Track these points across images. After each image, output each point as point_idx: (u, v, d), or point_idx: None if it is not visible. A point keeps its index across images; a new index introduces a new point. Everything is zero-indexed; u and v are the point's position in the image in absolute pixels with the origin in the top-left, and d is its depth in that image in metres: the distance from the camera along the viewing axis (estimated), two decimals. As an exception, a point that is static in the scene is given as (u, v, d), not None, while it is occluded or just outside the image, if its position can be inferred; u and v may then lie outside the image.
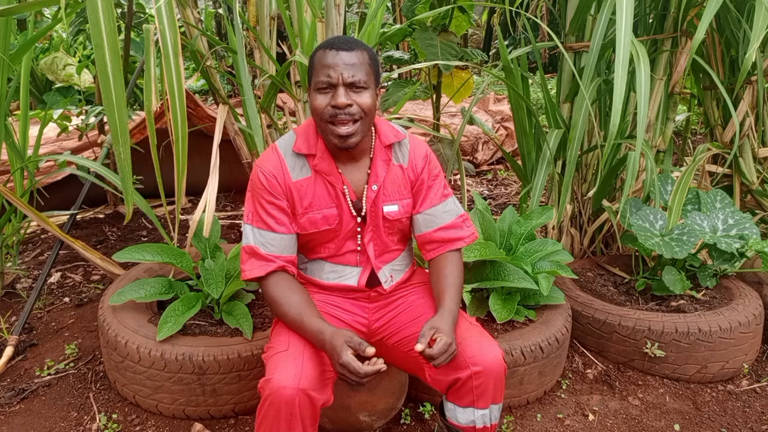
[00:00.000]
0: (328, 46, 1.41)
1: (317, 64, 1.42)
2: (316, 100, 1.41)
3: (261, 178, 1.50)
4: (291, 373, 1.35)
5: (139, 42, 3.51)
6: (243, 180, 2.03)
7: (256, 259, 1.50)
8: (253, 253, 1.50)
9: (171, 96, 1.72)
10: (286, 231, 1.51)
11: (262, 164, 1.51)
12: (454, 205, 1.63)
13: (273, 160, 1.51)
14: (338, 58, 1.39)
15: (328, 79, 1.39)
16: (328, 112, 1.40)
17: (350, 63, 1.39)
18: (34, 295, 2.34)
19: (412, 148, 1.60)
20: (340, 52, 1.39)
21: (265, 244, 1.50)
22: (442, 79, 2.97)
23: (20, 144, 2.60)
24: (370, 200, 1.54)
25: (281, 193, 1.50)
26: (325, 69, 1.39)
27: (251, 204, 1.53)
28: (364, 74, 1.41)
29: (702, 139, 3.85)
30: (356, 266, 1.61)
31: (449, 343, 1.36)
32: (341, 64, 1.38)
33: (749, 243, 2.25)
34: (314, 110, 1.42)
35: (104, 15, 1.43)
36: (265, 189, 1.49)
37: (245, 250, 1.52)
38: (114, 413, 1.95)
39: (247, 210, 1.54)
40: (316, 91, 1.42)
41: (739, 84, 2.38)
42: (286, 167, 1.50)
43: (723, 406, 2.05)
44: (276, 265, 1.49)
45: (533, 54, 2.73)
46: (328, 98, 1.40)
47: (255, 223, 1.51)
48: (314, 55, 1.44)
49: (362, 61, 1.41)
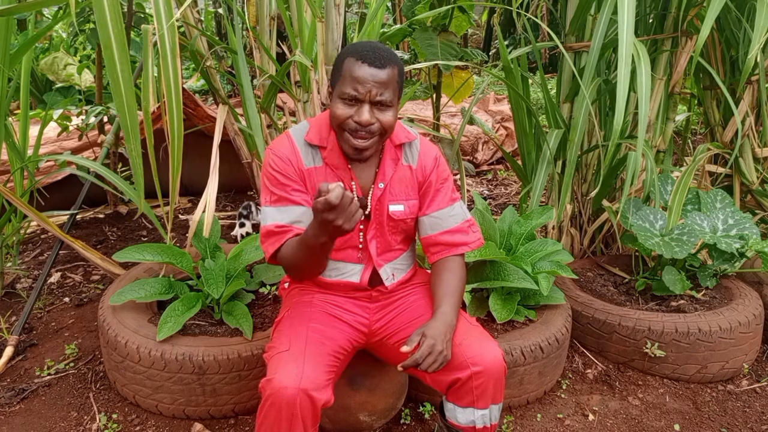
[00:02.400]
0: (361, 58, 1.37)
1: (346, 72, 1.38)
2: (338, 108, 1.40)
3: (275, 160, 1.48)
4: (292, 373, 1.34)
5: (138, 42, 3.51)
6: (243, 180, 2.04)
7: (274, 235, 1.46)
8: (272, 231, 1.46)
9: (168, 96, 1.72)
10: (305, 204, 1.49)
11: (276, 148, 1.50)
12: (461, 210, 1.62)
13: (287, 146, 1.50)
14: (369, 74, 1.36)
15: (356, 93, 1.37)
16: (349, 125, 1.39)
17: (380, 81, 1.37)
18: (34, 295, 2.34)
19: (423, 150, 1.60)
20: (373, 68, 1.36)
21: (285, 219, 1.46)
22: (442, 79, 2.98)
23: (20, 144, 2.60)
24: (375, 198, 1.54)
25: (295, 174, 1.49)
26: (354, 82, 1.37)
27: (267, 186, 1.50)
28: (392, 93, 1.39)
29: (702, 139, 3.85)
30: (358, 263, 1.61)
31: (432, 345, 1.35)
32: (371, 81, 1.36)
33: (749, 243, 2.25)
34: (335, 117, 1.41)
35: (111, 14, 1.44)
36: (280, 171, 1.47)
37: (263, 232, 1.48)
38: (114, 413, 1.95)
39: (263, 194, 1.52)
40: (340, 100, 1.40)
41: (741, 84, 2.38)
42: (299, 154, 1.50)
43: (723, 406, 2.05)
44: (293, 232, 1.46)
45: (533, 54, 2.73)
46: (352, 111, 1.39)
47: (274, 202, 1.48)
48: (344, 59, 1.40)
49: (391, 78, 1.39)
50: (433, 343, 1.36)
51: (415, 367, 1.35)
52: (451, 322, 1.44)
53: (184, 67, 5.67)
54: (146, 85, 1.78)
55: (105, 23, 1.44)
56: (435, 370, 1.36)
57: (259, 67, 2.36)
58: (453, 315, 1.47)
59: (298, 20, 2.21)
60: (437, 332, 1.39)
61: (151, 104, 1.79)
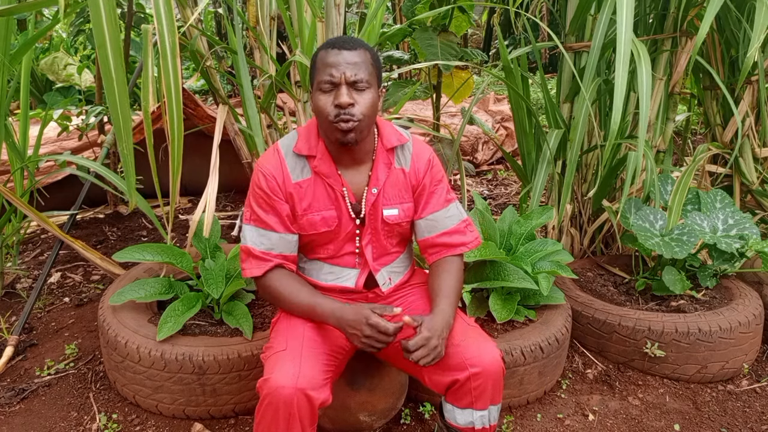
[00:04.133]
0: (330, 46, 1.41)
1: (319, 63, 1.41)
2: (319, 100, 1.41)
3: (261, 180, 1.50)
4: (289, 372, 1.35)
5: (139, 42, 3.51)
6: (243, 180, 2.03)
7: (254, 258, 1.51)
8: (251, 252, 1.51)
9: (168, 96, 1.72)
10: (285, 231, 1.52)
11: (263, 165, 1.51)
12: (457, 210, 1.62)
13: (273, 162, 1.51)
14: (340, 57, 1.38)
15: (331, 78, 1.38)
16: (331, 112, 1.39)
17: (352, 62, 1.38)
18: (34, 295, 2.34)
19: (415, 152, 1.59)
20: (342, 51, 1.39)
21: (264, 243, 1.51)
22: (442, 79, 2.98)
23: (20, 144, 2.60)
24: (369, 203, 1.54)
25: (281, 194, 1.50)
26: (328, 68, 1.39)
27: (251, 204, 1.53)
28: (367, 73, 1.40)
29: (702, 139, 3.85)
30: (354, 268, 1.60)
31: (428, 338, 1.36)
32: (343, 63, 1.38)
33: (749, 243, 2.25)
34: (317, 110, 1.42)
35: (106, 15, 1.44)
36: (264, 191, 1.50)
37: (244, 250, 1.53)
38: (114, 413, 1.95)
39: (246, 210, 1.55)
40: (318, 91, 1.41)
41: (740, 84, 2.38)
42: (287, 169, 1.50)
43: (723, 406, 2.05)
44: (274, 263, 1.51)
45: (533, 54, 2.73)
46: (331, 98, 1.39)
47: (254, 222, 1.52)
48: (316, 55, 1.44)
49: (364, 60, 1.40)
50: (429, 337, 1.37)
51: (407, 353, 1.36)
52: (448, 320, 1.45)
53: (184, 67, 5.67)
54: (146, 85, 1.78)
55: (100, 23, 1.43)
56: (426, 365, 1.37)
57: (259, 67, 2.36)
58: (451, 313, 1.47)
59: (298, 20, 2.21)
60: (434, 328, 1.39)
61: (151, 104, 1.78)
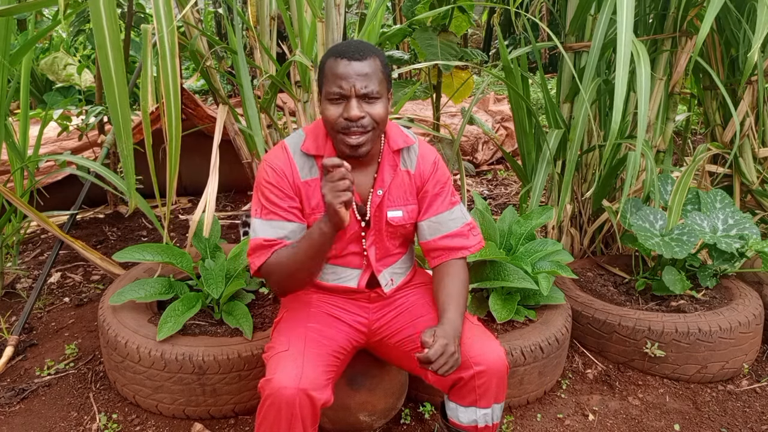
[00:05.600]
0: (339, 55, 1.37)
1: (328, 73, 1.38)
2: (327, 110, 1.39)
3: (270, 174, 1.47)
4: (291, 373, 1.34)
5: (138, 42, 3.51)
6: (243, 180, 2.04)
7: (263, 248, 1.46)
8: (260, 245, 1.46)
9: (167, 97, 1.72)
10: (296, 220, 1.48)
11: (271, 161, 1.49)
12: (461, 213, 1.61)
13: (282, 158, 1.49)
14: (350, 68, 1.35)
15: (341, 90, 1.36)
16: (340, 124, 1.38)
17: (363, 73, 1.36)
18: (34, 295, 2.34)
19: (421, 154, 1.58)
20: (352, 62, 1.35)
21: (276, 233, 1.46)
22: (442, 79, 2.98)
23: (20, 144, 2.60)
24: (374, 205, 1.53)
25: (290, 189, 1.48)
26: (337, 80, 1.36)
27: (259, 198, 1.49)
28: (377, 83, 1.38)
29: (702, 139, 3.85)
30: (357, 268, 1.60)
31: (446, 345, 1.32)
32: (353, 74, 1.35)
33: (749, 243, 2.25)
34: (326, 120, 1.40)
35: (106, 15, 1.44)
36: (273, 185, 1.46)
37: (253, 244, 1.48)
38: (114, 413, 1.95)
39: (254, 205, 1.51)
40: (327, 101, 1.39)
41: (741, 84, 2.38)
42: (296, 166, 1.48)
43: (723, 406, 2.05)
44: (283, 244, 1.46)
45: (533, 54, 2.73)
46: (341, 109, 1.37)
47: (264, 215, 1.47)
48: (325, 62, 1.40)
49: (375, 69, 1.38)
50: (446, 344, 1.32)
51: (427, 363, 1.30)
52: (458, 327, 1.42)
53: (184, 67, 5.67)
54: (145, 85, 1.78)
55: (100, 23, 1.43)
56: (445, 373, 1.32)
57: (259, 67, 2.37)
58: (459, 320, 1.44)
59: (299, 20, 2.21)
60: (448, 335, 1.36)
61: (150, 104, 1.78)
